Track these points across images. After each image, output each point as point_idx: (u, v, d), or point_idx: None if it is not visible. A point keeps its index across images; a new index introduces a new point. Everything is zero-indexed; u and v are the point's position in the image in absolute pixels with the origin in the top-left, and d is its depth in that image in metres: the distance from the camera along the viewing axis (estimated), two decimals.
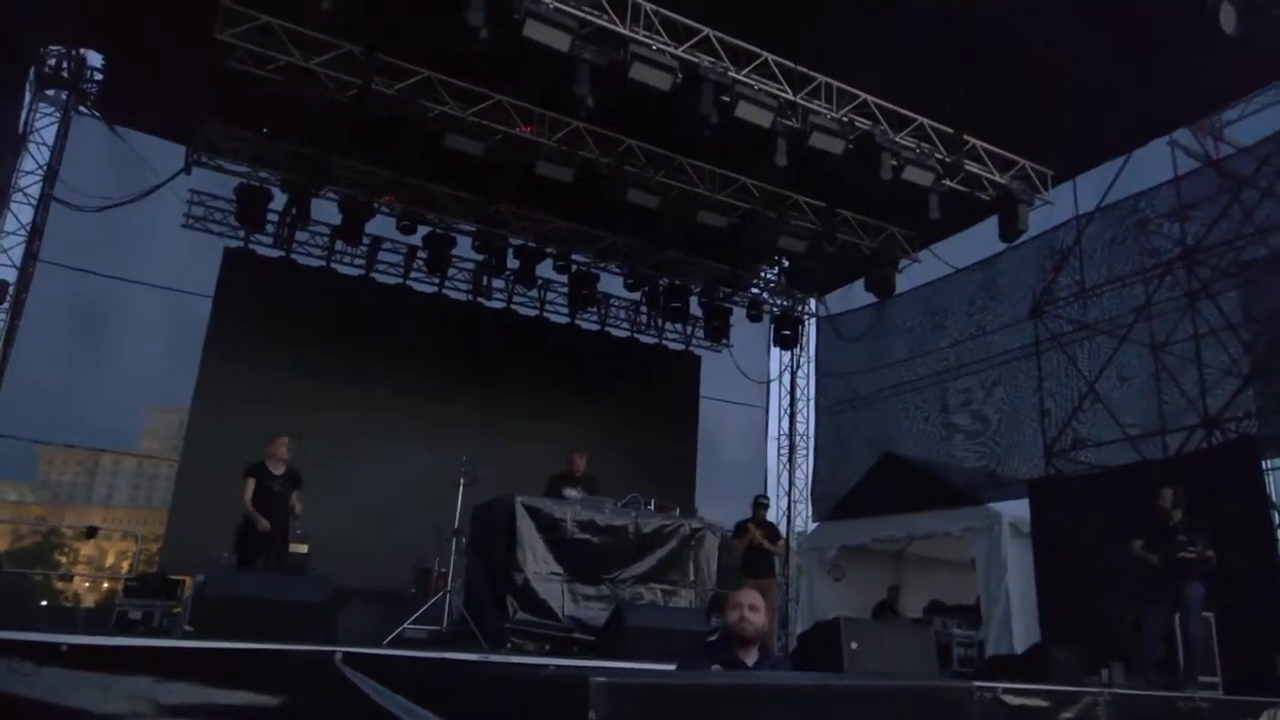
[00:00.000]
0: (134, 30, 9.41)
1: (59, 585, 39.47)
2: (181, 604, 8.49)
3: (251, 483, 7.55)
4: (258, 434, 9.64)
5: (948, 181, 9.98)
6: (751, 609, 3.49)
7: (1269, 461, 10.07)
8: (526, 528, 7.13)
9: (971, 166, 10.11)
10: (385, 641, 6.16)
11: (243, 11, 8.76)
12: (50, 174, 11.28)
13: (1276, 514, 9.03)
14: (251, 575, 6.97)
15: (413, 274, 13.58)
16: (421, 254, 13.20)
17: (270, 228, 12.49)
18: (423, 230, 12.80)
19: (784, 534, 13.04)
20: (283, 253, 12.83)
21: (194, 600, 7.40)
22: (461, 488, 7.59)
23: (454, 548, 7.53)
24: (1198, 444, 10.12)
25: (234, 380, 11.67)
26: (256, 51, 8.94)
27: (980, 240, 12.36)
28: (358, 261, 13.34)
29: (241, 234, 12.43)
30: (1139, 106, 9.84)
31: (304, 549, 8.46)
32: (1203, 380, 10.41)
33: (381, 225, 12.76)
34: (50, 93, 11.16)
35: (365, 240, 12.79)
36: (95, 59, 11.08)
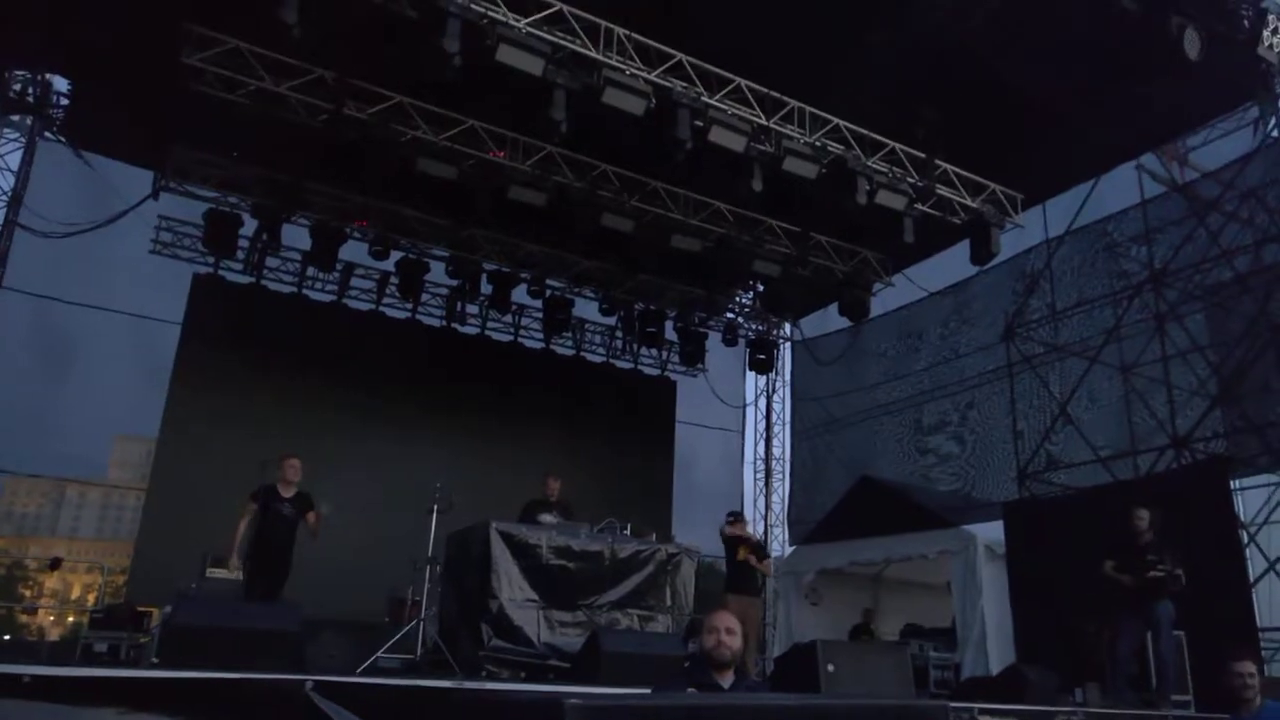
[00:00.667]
0: (100, 55, 9.35)
1: (22, 619, 38.53)
2: (149, 635, 8.26)
3: (253, 508, 7.21)
4: (227, 462, 9.47)
5: (920, 205, 10.10)
6: (728, 632, 3.43)
7: (1238, 481, 10.22)
8: (501, 554, 7.06)
9: (943, 191, 10.26)
10: (358, 671, 6.03)
11: (211, 36, 8.71)
12: (14, 200, 11.13)
13: (1245, 533, 9.14)
14: (221, 605, 6.80)
15: (385, 300, 13.49)
16: (394, 279, 13.12)
17: (240, 253, 12.38)
18: (396, 255, 12.74)
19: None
20: (253, 279, 12.70)
21: (162, 631, 7.21)
22: (435, 515, 7.50)
23: (428, 575, 7.42)
24: (1168, 464, 10.22)
25: (203, 408, 11.51)
26: (226, 76, 8.89)
27: (953, 264, 12.51)
28: (329, 287, 13.23)
29: (210, 260, 12.30)
30: (1106, 132, 10.06)
31: None
32: (1172, 401, 10.54)
33: (354, 251, 12.69)
34: (15, 118, 11.06)
35: (338, 266, 12.70)
36: (61, 84, 11.01)
